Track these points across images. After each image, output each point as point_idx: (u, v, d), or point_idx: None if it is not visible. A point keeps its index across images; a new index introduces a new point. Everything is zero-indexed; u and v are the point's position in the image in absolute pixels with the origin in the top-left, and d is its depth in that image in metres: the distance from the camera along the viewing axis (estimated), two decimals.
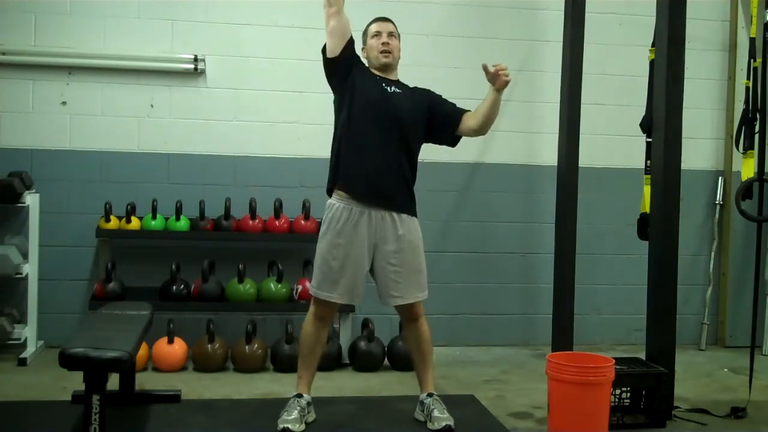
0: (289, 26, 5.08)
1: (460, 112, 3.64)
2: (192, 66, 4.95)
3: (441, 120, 3.63)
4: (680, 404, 3.84)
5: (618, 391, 3.61)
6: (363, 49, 3.63)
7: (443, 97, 3.70)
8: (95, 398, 2.75)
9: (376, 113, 3.45)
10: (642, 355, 3.92)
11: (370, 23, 3.65)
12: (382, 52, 3.55)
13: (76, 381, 3.07)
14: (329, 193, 3.54)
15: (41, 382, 4.12)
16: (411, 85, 3.65)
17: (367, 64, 3.61)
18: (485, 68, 3.52)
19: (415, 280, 3.52)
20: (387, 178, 3.45)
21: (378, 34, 3.57)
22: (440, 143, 3.74)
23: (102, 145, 4.92)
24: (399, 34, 3.65)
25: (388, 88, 3.53)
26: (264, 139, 5.07)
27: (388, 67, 3.58)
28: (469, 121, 3.61)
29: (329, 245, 3.44)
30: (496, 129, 5.24)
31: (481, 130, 3.63)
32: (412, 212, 3.55)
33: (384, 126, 3.45)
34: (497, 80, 3.52)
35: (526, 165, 5.36)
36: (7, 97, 4.84)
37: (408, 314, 3.59)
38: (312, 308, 3.51)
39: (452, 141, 3.73)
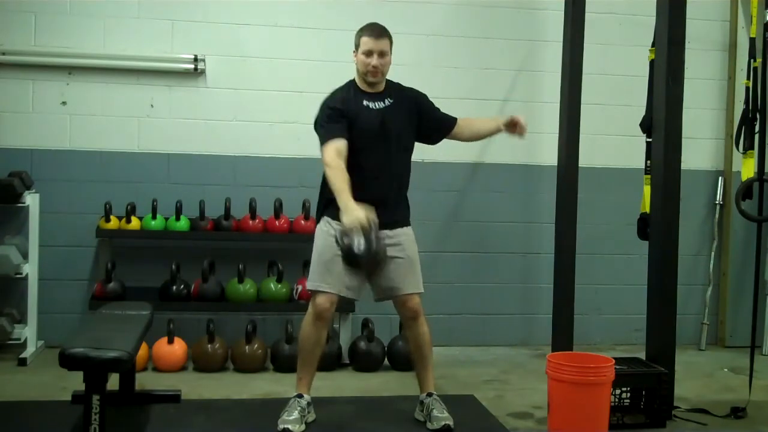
0: (289, 26, 5.08)
1: (453, 120, 3.72)
2: (192, 66, 4.95)
3: (433, 125, 3.69)
4: (680, 404, 3.84)
5: (618, 391, 3.61)
6: (354, 52, 3.56)
7: (428, 98, 3.72)
8: (95, 398, 2.75)
9: (368, 137, 3.47)
10: (642, 355, 3.92)
11: (364, 32, 3.53)
12: (370, 72, 3.49)
13: (76, 381, 3.06)
14: (318, 219, 3.60)
15: (41, 382, 4.12)
16: (398, 86, 3.65)
17: (355, 72, 3.59)
18: (516, 120, 3.66)
19: (409, 271, 3.55)
20: (387, 199, 3.50)
21: (369, 53, 3.47)
22: (428, 143, 3.81)
23: (102, 145, 4.92)
24: (392, 44, 3.55)
25: (376, 105, 3.53)
26: (264, 139, 5.07)
27: (374, 84, 3.57)
28: (462, 131, 3.74)
29: (324, 240, 3.50)
30: None
31: (467, 141, 3.87)
32: (406, 223, 3.63)
33: (377, 145, 3.49)
34: (513, 130, 3.69)
35: (526, 165, 5.35)
36: (7, 97, 4.84)
37: (406, 311, 3.59)
38: (310, 308, 3.51)
39: (437, 141, 3.82)
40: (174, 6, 4.97)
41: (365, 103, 3.52)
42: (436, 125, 3.70)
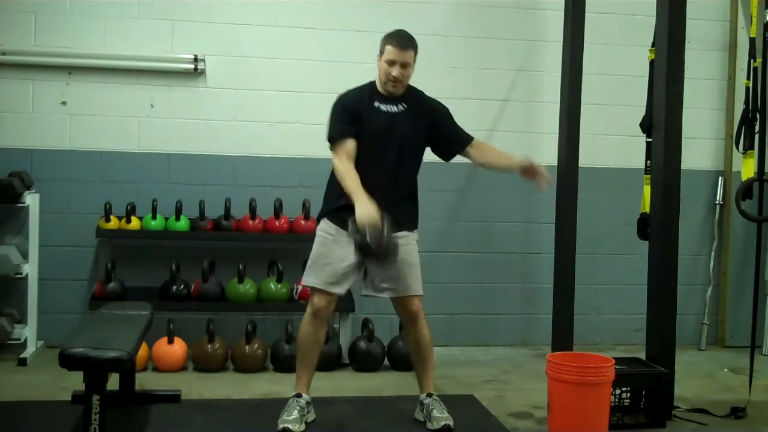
0: (289, 26, 5.08)
1: (467, 139, 3.68)
2: (192, 66, 4.95)
3: (447, 140, 3.66)
4: (680, 404, 3.84)
5: (618, 391, 3.61)
6: (378, 57, 3.52)
7: (449, 112, 3.67)
8: (95, 398, 2.75)
9: (374, 138, 3.47)
10: (642, 355, 3.92)
11: (390, 40, 3.47)
12: (390, 81, 3.47)
13: (76, 381, 3.06)
14: (319, 220, 3.59)
15: (41, 382, 4.12)
16: (419, 95, 3.62)
17: (376, 76, 3.55)
18: (534, 168, 3.64)
19: (409, 272, 3.52)
20: (385, 201, 3.41)
21: (392, 63, 3.44)
22: (442, 158, 3.77)
23: (102, 145, 4.92)
24: (416, 53, 3.51)
25: (388, 108, 3.50)
26: (264, 139, 5.07)
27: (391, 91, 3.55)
28: (475, 155, 3.69)
29: (321, 238, 3.52)
30: (496, 129, 5.30)
31: (478, 165, 3.80)
32: (409, 227, 3.58)
33: (381, 147, 3.48)
34: (531, 177, 3.68)
35: None
36: (7, 97, 4.84)
37: (406, 313, 3.58)
38: (308, 306, 3.51)
39: (450, 158, 3.77)
40: (174, 6, 4.97)
41: (377, 104, 3.51)
42: (447, 142, 3.66)
